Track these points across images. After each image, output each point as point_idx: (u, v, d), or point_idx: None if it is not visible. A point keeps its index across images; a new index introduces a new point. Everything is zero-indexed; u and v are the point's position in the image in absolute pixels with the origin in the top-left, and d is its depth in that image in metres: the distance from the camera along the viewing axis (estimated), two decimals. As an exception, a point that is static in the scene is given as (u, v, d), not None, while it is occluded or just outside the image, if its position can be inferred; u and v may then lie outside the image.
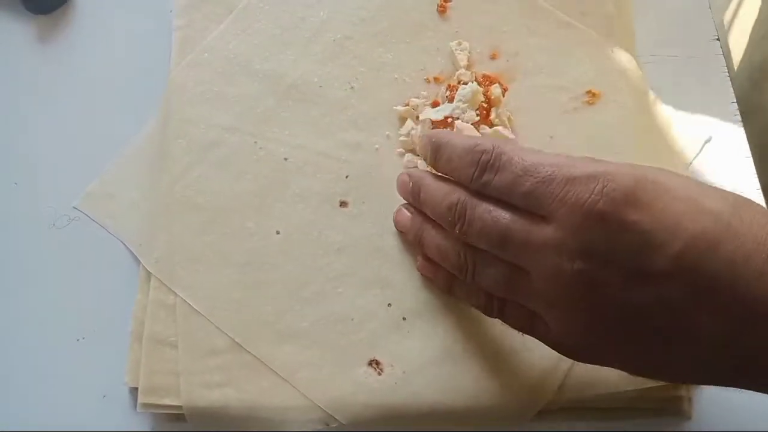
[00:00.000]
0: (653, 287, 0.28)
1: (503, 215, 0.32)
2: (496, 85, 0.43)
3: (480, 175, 0.33)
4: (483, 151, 0.33)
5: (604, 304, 0.29)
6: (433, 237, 0.38)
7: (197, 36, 0.47)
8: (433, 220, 0.37)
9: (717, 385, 0.32)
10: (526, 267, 0.31)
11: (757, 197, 0.45)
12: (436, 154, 0.36)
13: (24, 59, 0.50)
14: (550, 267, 0.30)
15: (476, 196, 0.33)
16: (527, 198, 0.31)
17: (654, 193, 0.29)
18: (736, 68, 0.48)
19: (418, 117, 0.44)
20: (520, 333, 0.36)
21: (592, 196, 0.29)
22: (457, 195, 0.34)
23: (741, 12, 0.47)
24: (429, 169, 0.39)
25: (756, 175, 0.45)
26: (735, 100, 0.47)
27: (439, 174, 0.37)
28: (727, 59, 0.48)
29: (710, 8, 0.50)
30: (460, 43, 0.46)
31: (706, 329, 0.28)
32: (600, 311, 0.30)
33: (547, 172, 0.30)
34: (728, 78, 0.48)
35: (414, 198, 0.39)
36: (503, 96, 0.44)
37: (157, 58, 0.49)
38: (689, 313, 0.28)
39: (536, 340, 0.34)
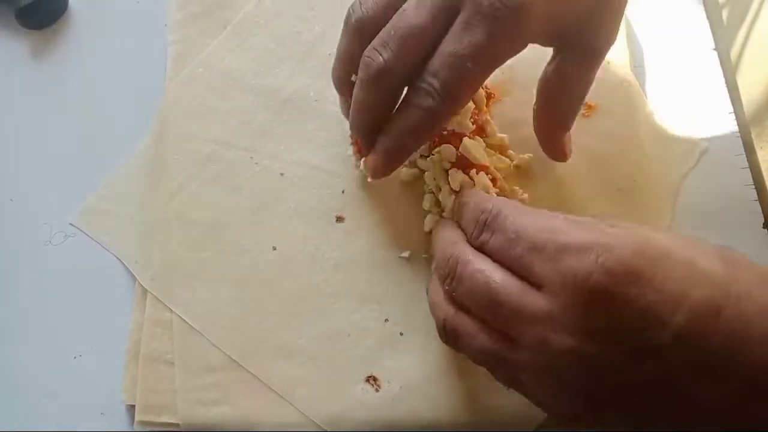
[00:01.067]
0: (653, 362, 0.27)
1: (495, 277, 0.30)
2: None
3: (479, 233, 0.32)
4: (483, 210, 0.32)
5: (598, 381, 0.28)
6: (431, 291, 0.36)
7: (192, 51, 0.48)
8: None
9: None
10: (513, 336, 0.30)
11: (753, 208, 0.45)
12: (459, 212, 0.36)
13: (18, 75, 0.50)
14: (539, 339, 0.28)
15: (474, 254, 0.32)
16: (518, 263, 0.30)
17: (654, 263, 0.27)
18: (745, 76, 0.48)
19: None
20: None
21: (587, 267, 0.27)
22: (456, 249, 0.33)
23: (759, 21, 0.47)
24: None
25: (753, 186, 0.45)
26: (732, 111, 0.47)
27: None
28: (726, 72, 0.48)
29: (708, 19, 0.50)
30: None
31: (709, 401, 0.27)
32: (592, 388, 0.28)
33: (538, 238, 0.29)
34: (726, 89, 0.48)
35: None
36: (487, 99, 0.44)
37: (151, 73, 0.48)
38: (692, 385, 0.27)
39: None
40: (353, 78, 0.36)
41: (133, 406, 0.40)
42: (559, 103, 0.39)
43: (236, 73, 0.46)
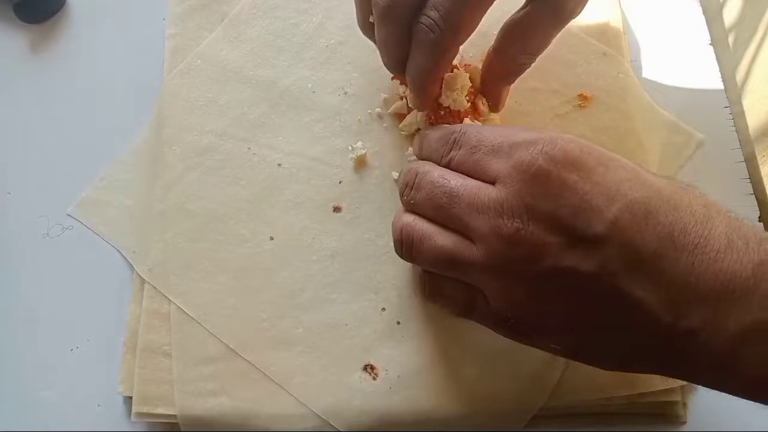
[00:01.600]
0: (590, 251, 0.28)
1: (454, 180, 0.33)
2: (475, 66, 0.44)
3: (448, 152, 0.34)
4: (452, 132, 0.35)
5: (542, 266, 0.29)
6: (394, 216, 0.37)
7: (190, 44, 0.48)
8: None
9: (657, 373, 0.31)
10: (469, 231, 0.31)
11: (749, 201, 0.45)
12: (420, 145, 0.38)
13: (17, 68, 0.51)
14: (491, 227, 0.30)
15: (434, 166, 0.34)
16: (478, 166, 0.32)
17: (595, 160, 0.30)
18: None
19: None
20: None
21: (533, 155, 0.30)
22: (417, 163, 0.35)
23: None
24: None
25: (749, 179, 0.45)
26: (728, 105, 0.47)
27: None
28: (722, 67, 0.49)
29: (704, 14, 0.50)
30: None
31: (642, 301, 0.28)
32: (537, 274, 0.30)
33: (496, 140, 0.32)
34: (722, 83, 0.48)
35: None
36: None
37: (150, 66, 0.49)
38: (627, 282, 0.28)
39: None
40: (371, 19, 0.38)
41: (130, 398, 0.40)
42: (514, 50, 0.40)
43: (234, 64, 0.47)
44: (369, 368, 0.39)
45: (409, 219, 0.34)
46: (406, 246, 0.34)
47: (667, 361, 0.30)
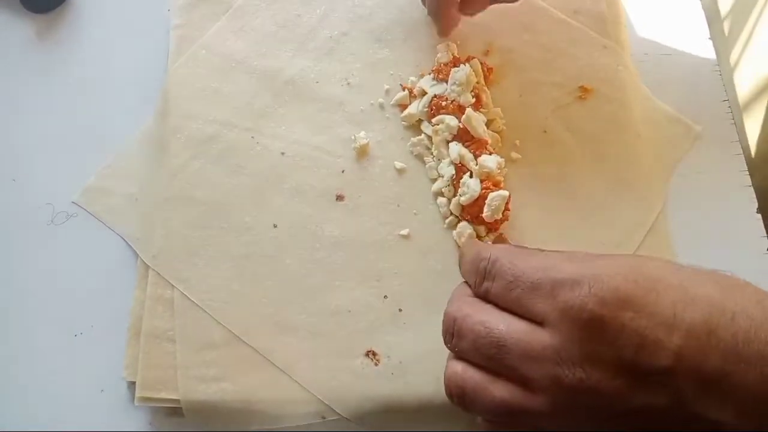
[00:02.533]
0: (659, 385, 0.27)
1: (497, 324, 0.31)
2: (475, 60, 0.44)
3: (481, 282, 0.33)
4: (482, 259, 0.33)
5: (613, 410, 0.28)
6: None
7: (195, 34, 0.48)
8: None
9: None
10: (526, 381, 0.30)
11: (748, 194, 0.45)
12: (460, 266, 0.36)
13: (23, 57, 0.51)
14: (551, 377, 0.29)
15: (473, 307, 0.33)
16: (519, 304, 0.31)
17: (644, 286, 0.28)
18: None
19: (413, 94, 0.45)
20: None
21: (581, 298, 0.28)
22: (452, 306, 0.33)
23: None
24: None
25: (747, 172, 0.46)
26: (726, 98, 0.48)
27: None
28: (722, 61, 0.49)
29: (703, 8, 0.51)
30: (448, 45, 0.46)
31: (719, 421, 0.27)
32: (608, 417, 0.28)
33: (534, 277, 0.30)
34: (720, 77, 0.48)
35: None
36: (487, 73, 0.45)
37: (154, 56, 0.49)
38: (699, 406, 0.27)
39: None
40: None
41: (133, 383, 0.40)
42: None
43: (238, 55, 0.47)
44: (371, 354, 0.40)
45: (458, 368, 0.32)
46: (458, 397, 0.32)
47: None
